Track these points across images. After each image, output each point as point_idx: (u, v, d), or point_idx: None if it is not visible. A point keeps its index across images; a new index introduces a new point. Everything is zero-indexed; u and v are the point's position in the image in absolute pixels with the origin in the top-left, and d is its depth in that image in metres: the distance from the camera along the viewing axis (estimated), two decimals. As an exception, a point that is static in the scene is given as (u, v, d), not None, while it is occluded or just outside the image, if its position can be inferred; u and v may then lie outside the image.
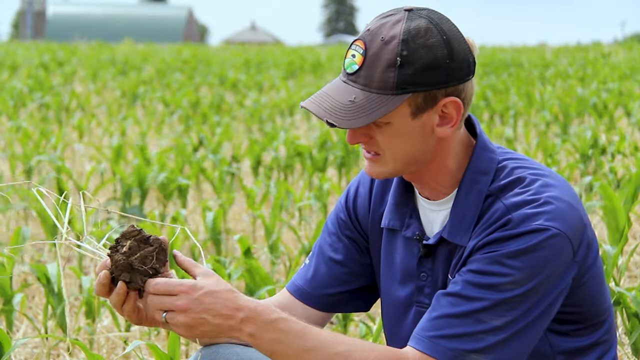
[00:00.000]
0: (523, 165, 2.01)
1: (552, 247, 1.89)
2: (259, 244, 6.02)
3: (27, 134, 9.12)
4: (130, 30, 59.04)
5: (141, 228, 1.93)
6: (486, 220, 1.96)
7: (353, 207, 2.23)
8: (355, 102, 1.92)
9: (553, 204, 1.92)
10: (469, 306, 1.89)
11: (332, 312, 2.24)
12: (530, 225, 1.90)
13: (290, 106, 12.98)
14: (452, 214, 2.02)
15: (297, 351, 1.89)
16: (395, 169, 2.01)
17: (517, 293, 1.89)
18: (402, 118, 1.94)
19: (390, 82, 1.91)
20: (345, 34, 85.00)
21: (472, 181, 2.01)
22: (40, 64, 20.64)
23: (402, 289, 2.12)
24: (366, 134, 1.98)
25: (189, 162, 7.56)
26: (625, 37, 60.21)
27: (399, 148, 1.97)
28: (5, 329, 3.97)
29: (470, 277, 1.91)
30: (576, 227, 1.93)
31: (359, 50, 1.95)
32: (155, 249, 1.92)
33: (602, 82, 15.04)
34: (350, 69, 1.95)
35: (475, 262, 1.93)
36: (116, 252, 1.91)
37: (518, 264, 1.89)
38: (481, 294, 1.89)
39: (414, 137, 1.97)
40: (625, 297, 3.40)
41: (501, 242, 1.91)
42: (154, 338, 3.95)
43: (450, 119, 1.97)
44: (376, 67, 1.92)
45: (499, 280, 1.89)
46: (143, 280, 1.91)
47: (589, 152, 7.57)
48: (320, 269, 2.22)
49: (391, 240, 2.15)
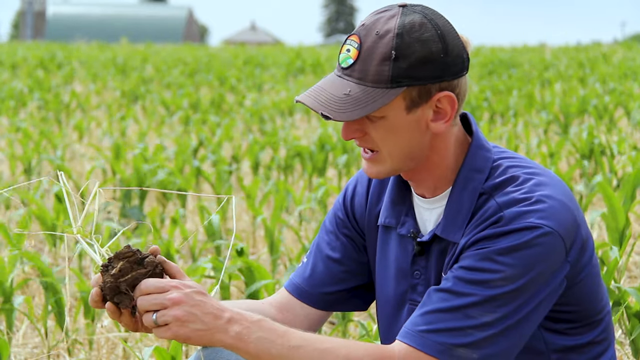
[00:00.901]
0: (518, 164, 2.02)
1: (543, 245, 1.89)
2: (259, 244, 6.03)
3: (27, 134, 9.13)
4: (130, 30, 59.05)
5: (138, 249, 1.91)
6: (479, 217, 1.96)
7: (351, 206, 2.23)
8: (351, 95, 1.93)
9: (546, 203, 1.92)
10: (458, 301, 1.89)
11: (331, 310, 2.25)
12: (522, 222, 1.90)
13: (290, 106, 12.99)
14: (446, 211, 2.02)
15: (284, 348, 1.89)
16: (392, 167, 2.01)
17: (507, 289, 1.89)
18: (397, 112, 1.95)
19: (385, 76, 1.92)
20: (345, 34, 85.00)
21: (466, 179, 2.01)
22: (41, 63, 20.64)
23: (396, 287, 2.13)
24: (360, 130, 1.98)
25: (189, 162, 7.56)
26: (625, 37, 60.24)
27: (395, 144, 1.98)
28: (5, 329, 3.97)
29: (461, 273, 1.92)
30: (569, 226, 1.93)
31: (353, 44, 1.95)
32: (149, 272, 1.91)
33: (602, 82, 15.04)
34: (345, 63, 1.96)
35: (467, 258, 1.93)
36: (106, 272, 1.90)
37: (509, 260, 1.89)
38: (471, 290, 1.89)
39: (409, 132, 1.97)
40: (626, 296, 3.40)
41: (492, 238, 1.91)
42: (154, 339, 3.95)
43: (444, 114, 1.98)
44: (371, 61, 1.93)
45: (490, 277, 1.89)
46: (133, 301, 1.90)
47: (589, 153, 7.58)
48: (318, 267, 2.23)
49: (386, 238, 2.15)
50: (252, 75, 18.51)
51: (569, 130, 10.03)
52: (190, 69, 20.11)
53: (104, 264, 1.91)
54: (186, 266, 5.20)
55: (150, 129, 10.67)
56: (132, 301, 1.90)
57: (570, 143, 8.22)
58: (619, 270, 4.22)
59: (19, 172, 8.06)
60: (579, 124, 10.96)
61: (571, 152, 8.03)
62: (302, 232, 6.02)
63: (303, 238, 5.73)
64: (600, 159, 7.18)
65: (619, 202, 4.60)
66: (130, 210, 6.31)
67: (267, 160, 8.51)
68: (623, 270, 4.22)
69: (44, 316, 3.95)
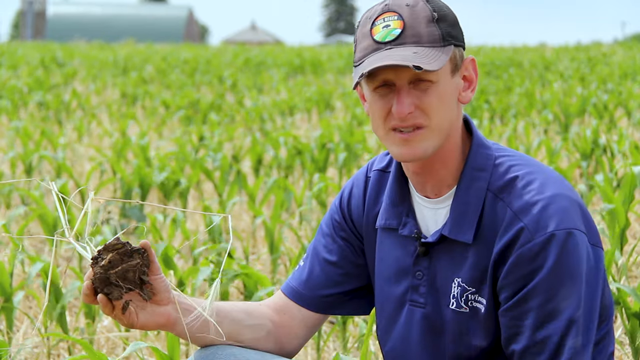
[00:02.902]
0: (519, 163, 2.03)
1: (575, 246, 1.92)
2: (260, 244, 6.03)
3: (28, 134, 9.12)
4: (130, 30, 59.05)
5: (127, 241, 1.92)
6: (496, 224, 1.97)
7: (347, 208, 2.23)
8: (419, 53, 1.93)
9: (557, 203, 1.94)
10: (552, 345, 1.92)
11: (328, 313, 2.25)
12: (546, 232, 1.91)
13: (290, 106, 12.98)
14: (452, 211, 2.02)
15: None
16: (436, 142, 1.99)
17: (574, 307, 1.92)
18: (445, 76, 1.98)
19: (437, 35, 1.96)
20: (345, 34, 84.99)
21: (471, 178, 2.02)
22: (41, 63, 20.64)
23: (395, 288, 2.13)
24: (413, 103, 1.97)
25: (190, 162, 7.56)
26: (626, 37, 60.20)
27: (444, 113, 1.98)
28: (5, 329, 3.97)
29: (529, 322, 1.93)
30: (580, 217, 1.96)
31: (392, 18, 1.97)
32: (139, 263, 1.91)
33: (602, 82, 15.04)
34: (390, 36, 1.96)
35: (518, 299, 1.94)
36: (96, 265, 1.91)
37: (558, 283, 1.91)
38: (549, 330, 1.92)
39: (452, 100, 2.00)
40: (626, 296, 3.40)
41: (526, 263, 1.92)
42: (154, 338, 3.95)
43: (470, 81, 2.03)
44: (419, 24, 1.95)
45: (554, 307, 1.92)
46: (123, 293, 1.91)
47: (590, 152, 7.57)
48: (314, 270, 2.23)
49: (385, 239, 2.15)
50: (252, 75, 18.51)
51: (569, 130, 10.03)
52: (190, 68, 20.11)
53: (94, 256, 1.92)
54: (186, 267, 5.20)
55: (150, 129, 10.67)
56: (122, 293, 1.90)
57: (571, 143, 8.22)
58: (619, 270, 4.22)
59: (19, 172, 8.06)
60: (579, 123, 10.96)
61: (571, 151, 8.03)
62: (301, 232, 6.02)
63: (303, 238, 5.73)
64: (600, 159, 7.18)
65: (619, 201, 4.60)
66: (130, 211, 6.30)
67: (268, 159, 8.51)
68: (623, 270, 4.22)
69: (44, 316, 3.95)
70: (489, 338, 2.01)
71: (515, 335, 1.95)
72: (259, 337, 2.17)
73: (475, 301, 2.01)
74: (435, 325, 2.07)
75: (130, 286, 1.92)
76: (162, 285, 2.00)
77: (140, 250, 1.92)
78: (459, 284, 2.02)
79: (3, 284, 3.93)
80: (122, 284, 1.90)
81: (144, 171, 6.78)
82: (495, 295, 1.99)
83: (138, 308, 1.98)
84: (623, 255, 4.60)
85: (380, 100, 1.99)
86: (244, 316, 2.17)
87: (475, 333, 2.02)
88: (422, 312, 2.08)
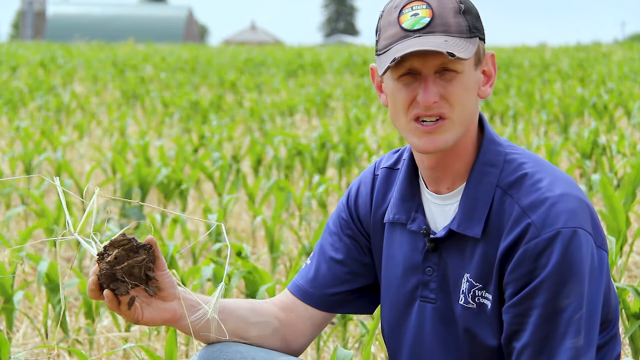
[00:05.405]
0: (529, 161, 2.03)
1: (580, 245, 1.92)
2: (260, 244, 6.03)
3: (28, 134, 9.12)
4: (130, 30, 59.01)
5: (133, 237, 1.92)
6: (503, 220, 1.98)
7: (355, 207, 2.23)
8: (449, 42, 1.95)
9: (566, 202, 1.94)
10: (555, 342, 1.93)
11: (334, 312, 2.24)
12: (552, 228, 1.92)
13: (290, 106, 12.98)
14: (461, 206, 2.02)
15: None
16: (457, 134, 2.00)
17: (576, 305, 1.92)
18: (470, 67, 1.99)
19: (464, 26, 1.97)
20: (345, 34, 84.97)
21: (481, 173, 2.02)
22: (41, 63, 20.63)
23: (404, 284, 2.12)
24: (438, 93, 1.97)
25: (189, 162, 7.56)
26: (625, 37, 60.23)
27: (466, 104, 1.99)
28: (5, 329, 3.97)
29: (534, 317, 1.94)
30: (587, 218, 1.96)
31: (420, 7, 1.98)
32: (145, 259, 1.92)
33: (602, 82, 15.04)
34: (419, 24, 1.96)
35: (523, 296, 1.94)
36: (102, 260, 1.91)
37: (562, 282, 1.91)
38: (552, 326, 1.93)
39: (474, 92, 2.01)
40: (625, 296, 3.40)
41: (532, 260, 1.93)
42: (154, 338, 3.95)
43: (489, 75, 2.05)
44: (447, 14, 1.97)
45: (557, 306, 1.92)
46: (129, 289, 1.91)
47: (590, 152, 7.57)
48: (321, 268, 2.22)
49: (393, 235, 2.15)
50: (252, 75, 18.50)
51: (569, 130, 10.03)
52: (190, 68, 20.10)
53: (100, 252, 1.92)
54: (186, 267, 5.20)
55: (150, 129, 10.66)
56: (128, 288, 1.91)
57: (570, 142, 8.22)
58: (619, 270, 4.22)
59: (19, 172, 8.06)
60: (579, 123, 10.96)
61: (571, 151, 8.03)
62: (301, 232, 6.02)
63: (303, 238, 5.73)
64: (600, 159, 7.18)
65: (619, 201, 4.60)
66: (130, 210, 6.30)
67: (268, 159, 8.51)
68: (623, 270, 4.22)
69: (44, 316, 3.95)
70: (497, 336, 2.01)
71: (516, 332, 1.95)
72: (265, 334, 2.18)
73: (482, 297, 2.01)
74: (447, 320, 2.07)
75: (136, 282, 1.92)
76: (167, 281, 2.00)
77: (146, 246, 1.93)
78: (468, 280, 2.02)
79: (3, 285, 3.93)
80: (128, 280, 1.90)
81: (144, 171, 6.78)
82: (501, 292, 1.99)
83: (143, 304, 1.99)
84: (623, 256, 4.60)
85: (405, 89, 1.99)
86: (250, 314, 2.17)
87: (484, 331, 2.01)
88: (433, 307, 2.08)
